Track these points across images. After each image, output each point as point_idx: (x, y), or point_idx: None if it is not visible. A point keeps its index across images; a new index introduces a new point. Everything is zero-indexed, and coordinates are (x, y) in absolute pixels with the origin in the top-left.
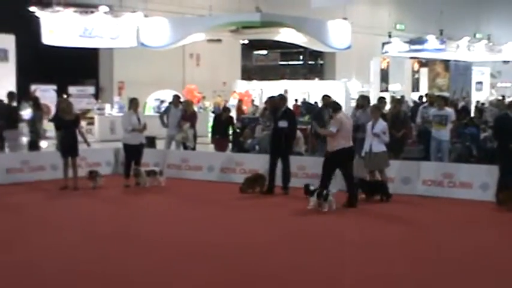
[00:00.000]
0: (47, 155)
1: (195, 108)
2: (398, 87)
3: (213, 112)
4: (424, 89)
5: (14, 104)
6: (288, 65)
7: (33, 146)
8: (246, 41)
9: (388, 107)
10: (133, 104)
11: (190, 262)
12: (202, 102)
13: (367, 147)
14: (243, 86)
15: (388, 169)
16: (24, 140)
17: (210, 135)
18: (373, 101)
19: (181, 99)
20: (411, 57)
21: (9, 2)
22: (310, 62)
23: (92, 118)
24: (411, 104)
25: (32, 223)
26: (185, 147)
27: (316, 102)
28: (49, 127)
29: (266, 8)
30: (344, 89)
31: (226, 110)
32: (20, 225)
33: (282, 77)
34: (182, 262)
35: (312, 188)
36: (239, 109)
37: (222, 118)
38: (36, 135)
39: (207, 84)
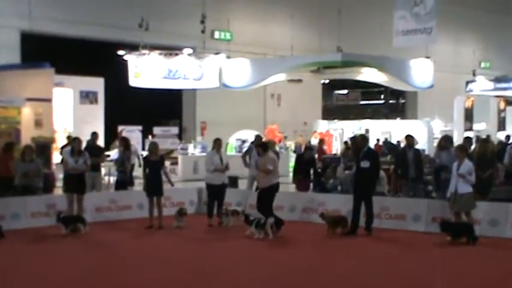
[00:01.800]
0: (133, 194)
1: (277, 148)
2: (483, 126)
3: (294, 152)
4: (510, 128)
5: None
6: (369, 104)
7: (121, 185)
8: (327, 81)
9: (473, 146)
10: (217, 144)
11: None
12: (284, 142)
13: (453, 188)
14: (324, 126)
15: (474, 211)
16: (111, 179)
17: (291, 175)
18: (457, 140)
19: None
20: (496, 96)
21: (99, 47)
22: (391, 101)
23: (176, 158)
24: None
25: (116, 260)
26: None
27: (398, 142)
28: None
29: (347, 48)
30: (426, 129)
31: (309, 149)
32: (105, 262)
33: (363, 116)
34: None
35: (251, 218)
36: (320, 149)
37: (304, 158)
38: (124, 174)
39: (288, 124)
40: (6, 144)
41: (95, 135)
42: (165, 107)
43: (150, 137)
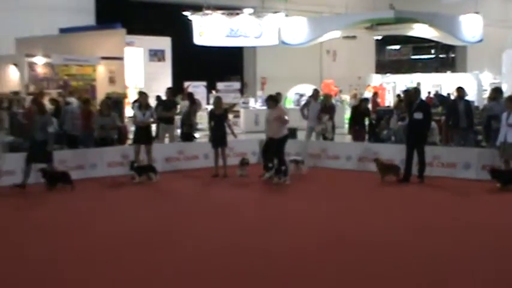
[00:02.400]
0: (200, 145)
1: (333, 101)
2: None
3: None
4: None
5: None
6: (420, 58)
7: (187, 137)
8: (380, 37)
9: None
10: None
11: (329, 251)
12: (339, 95)
13: (502, 138)
14: (377, 80)
15: None
16: (178, 131)
17: (347, 126)
18: (506, 92)
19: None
20: None
21: (166, 8)
22: (441, 56)
23: (238, 111)
24: None
25: (184, 207)
26: (324, 138)
27: (448, 94)
28: (200, 120)
29: (399, 5)
30: (476, 81)
31: (364, 101)
32: (174, 208)
33: (414, 70)
34: (324, 250)
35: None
36: (374, 102)
37: (359, 109)
38: (190, 127)
39: (343, 79)
40: (83, 100)
41: (169, 90)
42: (228, 63)
43: (214, 91)
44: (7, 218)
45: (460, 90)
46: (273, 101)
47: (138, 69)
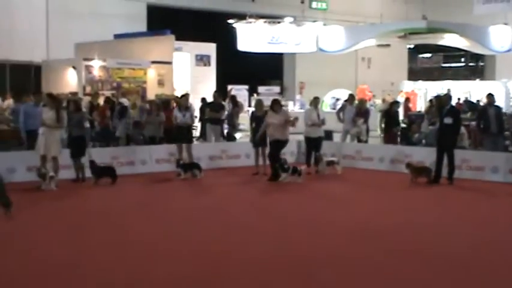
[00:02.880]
0: (241, 145)
1: (368, 106)
2: None
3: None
4: None
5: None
6: (451, 66)
7: (230, 137)
8: (412, 45)
9: None
10: (315, 101)
11: (360, 242)
12: (373, 100)
13: None
14: (409, 86)
15: None
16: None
17: (379, 130)
18: None
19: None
20: None
21: (212, 16)
22: (471, 64)
23: None
24: None
25: (226, 201)
26: (359, 140)
27: (478, 101)
28: (242, 121)
29: (431, 16)
30: (504, 89)
31: (395, 103)
32: (216, 202)
33: (444, 77)
34: (355, 242)
35: (286, 166)
36: (406, 107)
37: (390, 113)
38: (233, 128)
39: (377, 85)
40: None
41: (216, 93)
42: (268, 68)
43: (255, 95)
44: (65, 209)
45: (490, 97)
46: (279, 105)
47: (185, 72)
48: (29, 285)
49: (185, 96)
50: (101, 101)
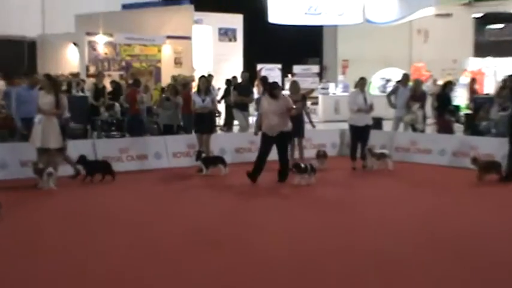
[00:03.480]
0: None
1: (424, 88)
2: None
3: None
4: None
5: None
6: None
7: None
8: (479, 15)
9: None
10: (361, 83)
11: (414, 250)
12: (431, 81)
13: None
14: (475, 64)
15: None
16: (250, 120)
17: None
18: None
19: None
20: None
21: None
22: None
23: (316, 98)
24: None
25: (253, 202)
26: (414, 129)
27: None
28: None
29: None
30: None
31: (448, 85)
32: (242, 204)
33: None
34: (414, 250)
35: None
36: (471, 89)
37: (443, 96)
38: None
39: (436, 62)
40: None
41: (245, 75)
42: (305, 44)
43: (289, 75)
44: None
45: None
46: (279, 89)
47: (207, 49)
48: None
49: (204, 77)
50: (107, 83)
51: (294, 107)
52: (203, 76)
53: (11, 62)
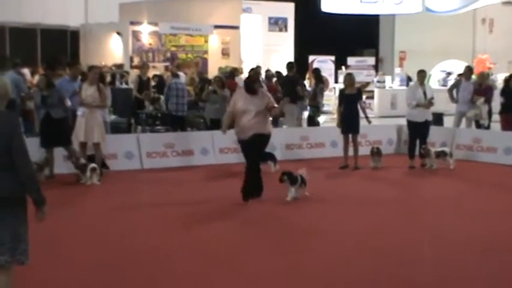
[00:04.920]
0: (327, 131)
1: (490, 82)
2: None
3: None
4: None
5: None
6: None
7: (313, 121)
8: None
9: None
10: (420, 76)
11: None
12: (495, 74)
13: None
14: None
15: None
16: (305, 114)
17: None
18: None
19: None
20: None
21: None
22: None
23: (372, 92)
24: None
25: (305, 203)
26: (478, 126)
27: None
28: (327, 101)
29: None
30: None
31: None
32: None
33: None
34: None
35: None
36: None
37: (508, 90)
38: (316, 109)
39: (502, 54)
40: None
41: (291, 65)
42: (361, 35)
43: (343, 68)
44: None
45: None
46: (258, 83)
47: (256, 40)
48: None
49: (254, 69)
50: (151, 75)
51: (276, 105)
52: (253, 69)
53: (53, 52)
